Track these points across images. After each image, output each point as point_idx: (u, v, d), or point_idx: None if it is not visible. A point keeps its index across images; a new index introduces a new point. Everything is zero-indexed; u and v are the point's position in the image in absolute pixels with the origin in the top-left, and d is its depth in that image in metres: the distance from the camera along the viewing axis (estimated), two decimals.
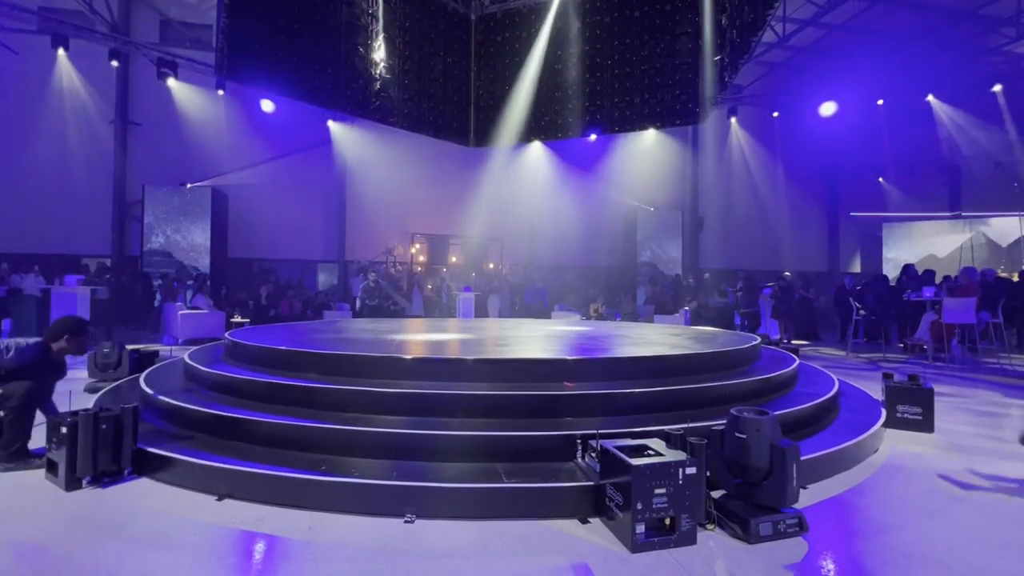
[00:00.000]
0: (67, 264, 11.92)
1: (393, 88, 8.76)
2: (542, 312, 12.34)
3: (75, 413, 2.80)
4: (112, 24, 12.43)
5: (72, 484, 2.75)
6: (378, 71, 8.47)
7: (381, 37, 8.48)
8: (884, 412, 4.01)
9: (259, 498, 2.62)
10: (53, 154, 13.08)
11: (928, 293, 8.08)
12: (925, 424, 3.97)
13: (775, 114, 14.33)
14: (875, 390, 4.79)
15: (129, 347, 5.51)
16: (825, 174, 18.14)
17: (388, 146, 14.75)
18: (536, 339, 5.34)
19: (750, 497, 2.41)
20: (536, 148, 15.62)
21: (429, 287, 13.59)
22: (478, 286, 13.00)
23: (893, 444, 3.68)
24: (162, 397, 3.63)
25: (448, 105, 9.73)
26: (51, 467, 2.84)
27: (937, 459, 3.41)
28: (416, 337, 5.45)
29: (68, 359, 3.55)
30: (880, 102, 13.18)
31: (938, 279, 10.01)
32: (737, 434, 2.42)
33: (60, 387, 3.51)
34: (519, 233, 15.99)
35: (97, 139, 13.41)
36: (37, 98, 12.87)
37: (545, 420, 3.13)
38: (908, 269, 10.45)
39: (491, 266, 15.24)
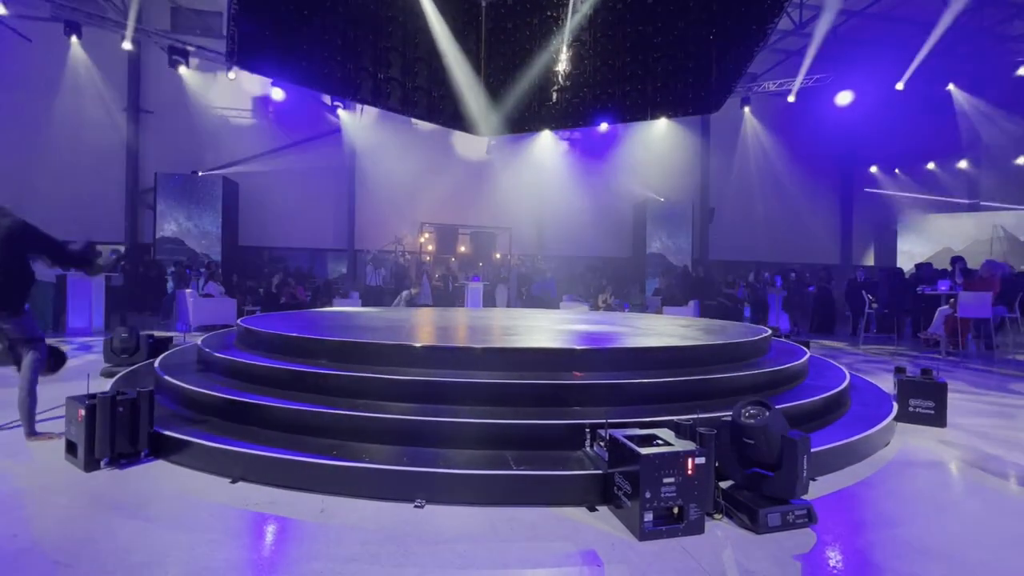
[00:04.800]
0: None
1: (402, 76, 8.71)
2: (550, 302, 12.34)
3: (93, 396, 2.86)
4: (124, 11, 12.45)
5: (91, 465, 2.81)
6: (388, 58, 8.43)
7: (391, 24, 8.43)
8: (896, 406, 3.97)
9: (272, 481, 2.67)
10: (67, 141, 13.21)
11: (943, 286, 7.96)
12: (937, 418, 3.93)
13: (790, 99, 14.03)
14: (887, 384, 4.75)
15: (143, 333, 5.59)
16: (840, 165, 17.85)
17: (397, 134, 14.73)
18: (544, 329, 5.34)
19: (759, 488, 2.41)
20: (546, 137, 15.50)
21: (436, 276, 13.63)
22: (486, 276, 13.01)
23: (905, 438, 3.65)
24: (177, 382, 3.69)
25: (458, 93, 9.66)
26: (71, 448, 2.91)
27: (949, 453, 3.39)
28: (425, 325, 5.48)
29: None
30: (900, 86, 12.82)
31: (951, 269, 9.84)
32: (745, 439, 2.41)
33: (77, 371, 3.58)
34: (527, 223, 15.94)
35: (109, 127, 13.52)
36: (50, 85, 12.98)
37: (553, 409, 3.15)
38: (924, 268, 10.29)
39: (499, 256, 15.23)
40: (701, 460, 2.28)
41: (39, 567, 1.95)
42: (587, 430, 2.82)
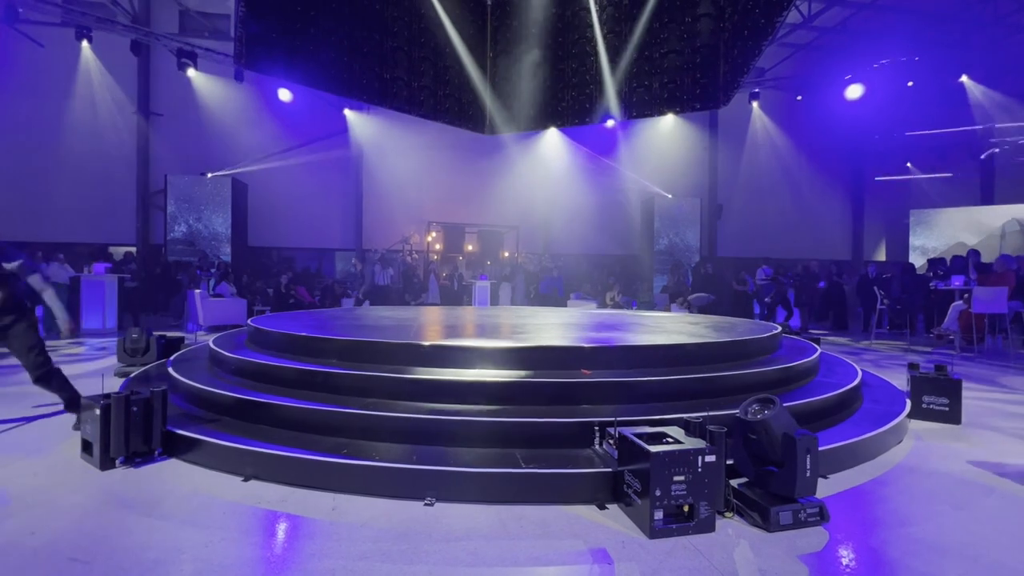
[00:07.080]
0: (94, 253, 12.26)
1: (408, 75, 8.73)
2: (557, 301, 12.31)
3: (107, 396, 2.90)
4: (133, 15, 12.59)
5: (106, 464, 2.86)
6: (394, 58, 8.45)
7: (397, 24, 8.44)
8: (909, 403, 3.93)
9: (283, 479, 2.69)
10: (78, 145, 13.38)
11: (957, 282, 7.84)
12: (952, 415, 3.88)
13: (799, 98, 13.88)
14: (900, 381, 4.69)
15: (155, 333, 5.65)
16: (850, 160, 17.62)
17: (404, 134, 14.75)
18: (553, 327, 5.34)
19: (768, 485, 2.39)
20: (552, 134, 15.46)
21: (444, 275, 13.65)
22: (493, 274, 13.01)
23: (918, 435, 3.61)
24: (189, 381, 3.73)
25: (464, 92, 9.67)
26: (86, 447, 2.95)
27: (964, 451, 3.34)
28: (434, 324, 5.49)
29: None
30: (910, 84, 12.64)
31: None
32: (750, 435, 2.40)
33: (91, 371, 3.63)
34: (535, 221, 15.92)
35: (120, 129, 13.68)
36: (62, 90, 13.15)
37: (562, 407, 3.14)
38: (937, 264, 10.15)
39: (506, 254, 15.22)
40: (711, 458, 2.26)
41: (56, 564, 1.98)
42: (596, 428, 2.81)
